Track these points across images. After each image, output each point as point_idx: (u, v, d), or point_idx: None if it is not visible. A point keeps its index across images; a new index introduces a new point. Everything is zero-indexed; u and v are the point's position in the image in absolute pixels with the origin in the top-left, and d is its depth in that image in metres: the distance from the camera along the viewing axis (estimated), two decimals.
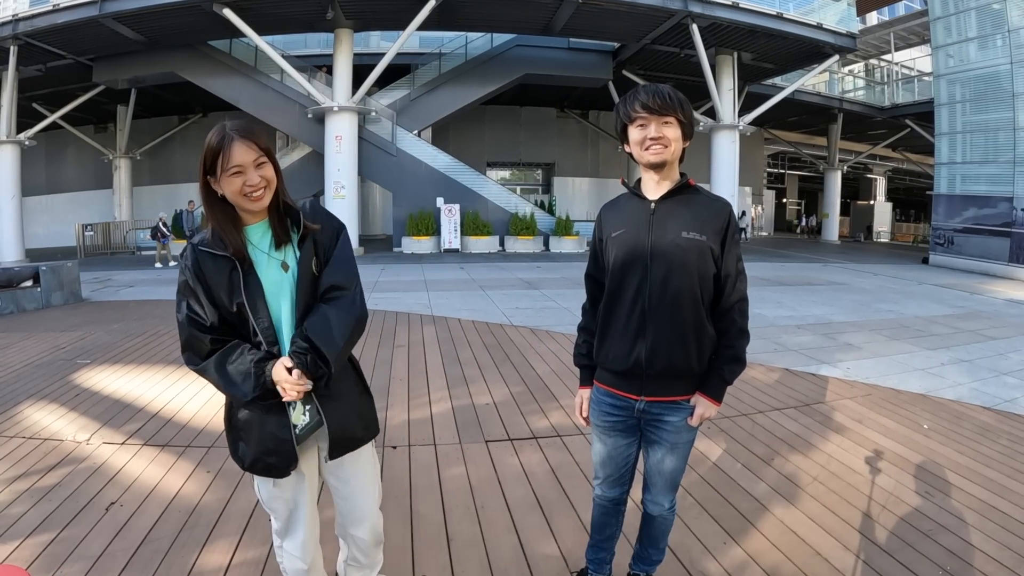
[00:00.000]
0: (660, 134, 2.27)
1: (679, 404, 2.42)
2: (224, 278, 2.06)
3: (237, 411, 2.21)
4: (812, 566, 3.07)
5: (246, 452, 2.19)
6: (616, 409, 2.50)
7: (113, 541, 3.21)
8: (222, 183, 2.03)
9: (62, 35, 19.85)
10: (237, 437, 2.22)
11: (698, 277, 2.31)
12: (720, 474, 4.16)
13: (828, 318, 9.93)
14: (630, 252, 2.38)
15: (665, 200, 2.36)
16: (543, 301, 11.30)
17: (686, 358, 2.34)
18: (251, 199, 2.04)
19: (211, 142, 2.04)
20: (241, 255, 2.07)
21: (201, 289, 2.07)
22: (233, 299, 2.07)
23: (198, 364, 2.10)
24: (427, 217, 23.05)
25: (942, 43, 20.58)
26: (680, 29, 20.37)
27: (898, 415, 5.41)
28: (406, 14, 19.10)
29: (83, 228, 24.80)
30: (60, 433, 4.78)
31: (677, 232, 2.31)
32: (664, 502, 2.59)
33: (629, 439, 2.55)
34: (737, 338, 2.38)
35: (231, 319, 2.11)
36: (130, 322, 9.30)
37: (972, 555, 3.18)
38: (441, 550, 3.17)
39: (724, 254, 2.34)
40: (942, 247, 20.55)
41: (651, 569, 2.82)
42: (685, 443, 2.48)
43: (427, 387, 5.99)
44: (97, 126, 31.39)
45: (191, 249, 2.09)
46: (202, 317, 2.07)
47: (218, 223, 2.08)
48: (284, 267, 2.15)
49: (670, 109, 2.25)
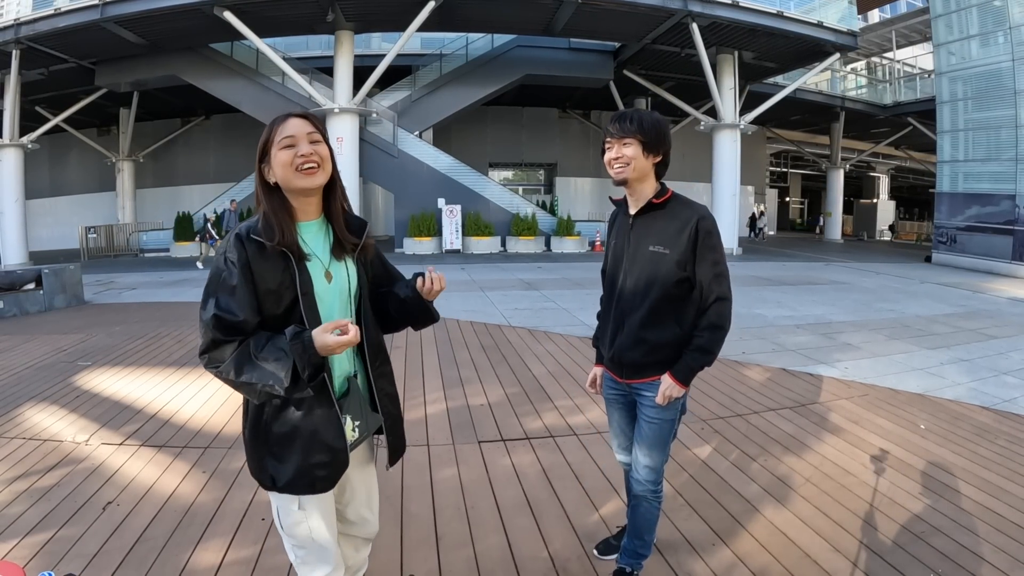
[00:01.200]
0: (620, 154, 2.59)
1: (655, 383, 2.70)
2: (278, 272, 1.90)
3: (272, 422, 1.97)
4: (801, 568, 3.07)
5: (280, 469, 1.97)
6: (613, 383, 2.90)
7: (109, 540, 3.24)
8: (274, 162, 1.94)
9: (64, 39, 19.88)
10: (266, 453, 1.99)
11: (662, 286, 2.61)
12: (711, 475, 4.16)
13: (828, 318, 9.91)
14: (615, 260, 2.83)
15: (640, 215, 2.70)
16: (542, 302, 11.30)
17: (650, 352, 2.67)
18: (303, 173, 1.93)
19: (265, 129, 2.01)
20: (297, 249, 1.93)
21: (246, 284, 1.85)
22: (284, 297, 1.91)
23: (219, 367, 1.84)
24: (429, 218, 23.06)
25: (943, 41, 20.53)
26: (680, 29, 20.31)
27: (895, 415, 5.40)
28: (406, 15, 19.09)
29: (86, 231, 24.84)
30: (60, 434, 4.81)
31: (646, 247, 2.65)
32: (642, 477, 2.79)
33: (631, 413, 2.90)
34: (708, 331, 2.60)
35: (273, 323, 1.92)
36: (132, 324, 9.32)
37: (965, 558, 3.18)
38: (430, 550, 3.19)
39: (697, 261, 2.58)
40: (945, 245, 20.50)
41: (636, 564, 2.91)
42: (661, 421, 2.73)
43: (423, 388, 6.01)
44: (100, 129, 31.42)
45: (237, 240, 1.89)
46: (234, 315, 1.83)
47: (274, 212, 1.94)
48: (328, 276, 2.02)
49: (628, 132, 2.56)
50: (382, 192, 30.40)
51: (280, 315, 1.92)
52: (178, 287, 14.29)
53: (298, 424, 1.95)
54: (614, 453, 3.09)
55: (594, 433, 4.83)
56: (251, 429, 2.01)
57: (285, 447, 1.96)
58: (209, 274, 1.91)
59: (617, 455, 3.07)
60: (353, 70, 21.38)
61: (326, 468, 1.98)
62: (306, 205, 2.02)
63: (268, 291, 1.89)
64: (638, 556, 2.89)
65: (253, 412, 2.00)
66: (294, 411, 1.95)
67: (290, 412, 1.96)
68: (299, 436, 1.95)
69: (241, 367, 1.82)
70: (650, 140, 2.55)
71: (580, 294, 12.12)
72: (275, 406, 1.96)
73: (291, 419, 1.95)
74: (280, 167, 1.93)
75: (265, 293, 1.89)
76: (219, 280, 1.86)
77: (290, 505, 2.02)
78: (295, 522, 2.05)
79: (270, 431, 1.97)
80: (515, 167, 35.13)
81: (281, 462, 1.96)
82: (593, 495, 3.82)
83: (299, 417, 1.95)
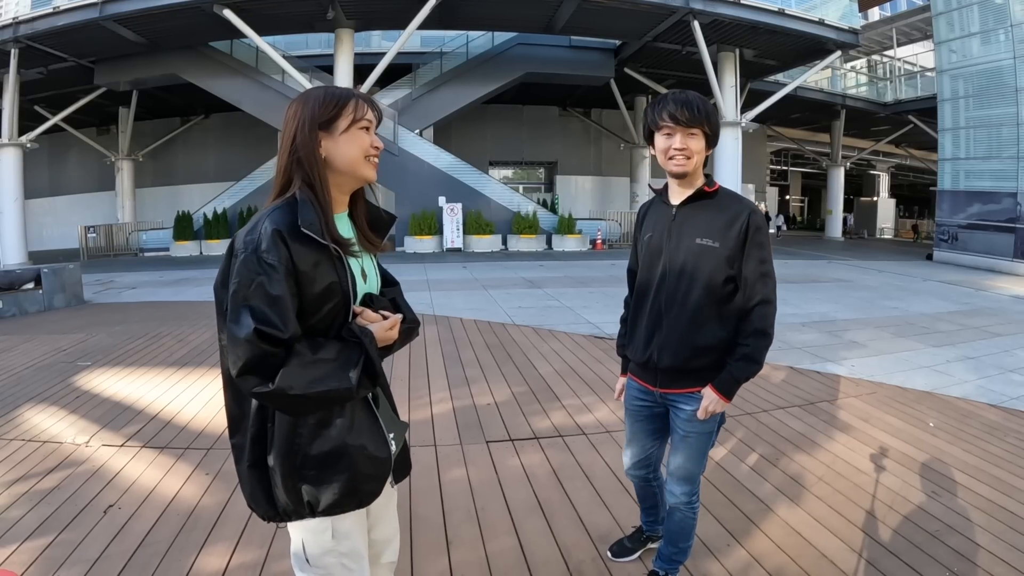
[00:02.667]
0: (684, 146, 2.36)
1: (694, 395, 2.52)
2: (327, 272, 1.65)
3: (309, 444, 1.69)
4: (817, 568, 3.03)
5: (320, 492, 1.70)
6: (641, 394, 2.71)
7: (111, 544, 3.19)
8: (341, 140, 1.72)
9: (63, 38, 19.81)
10: (300, 480, 1.70)
11: (709, 282, 2.42)
12: (724, 474, 4.12)
13: (833, 315, 9.89)
14: (652, 255, 2.57)
15: (684, 206, 2.49)
16: (546, 300, 11.27)
17: (693, 357, 2.47)
18: (372, 164, 1.79)
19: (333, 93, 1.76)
20: (343, 243, 1.70)
21: (290, 293, 1.56)
22: (329, 300, 1.66)
23: (270, 387, 1.52)
24: (429, 217, 23.05)
25: (944, 38, 20.49)
26: (682, 26, 20.25)
27: (904, 413, 5.37)
28: (407, 13, 19.03)
29: (86, 230, 24.80)
30: (60, 435, 4.76)
31: (692, 239, 2.44)
32: (676, 491, 2.65)
33: (655, 425, 2.75)
34: (753, 338, 2.42)
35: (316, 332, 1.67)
36: (132, 324, 9.27)
37: (980, 556, 3.15)
38: (440, 554, 3.14)
39: (744, 258, 2.41)
40: (946, 243, 20.47)
41: (671, 568, 2.82)
42: (697, 434, 2.56)
43: (428, 387, 5.96)
44: (99, 128, 31.38)
45: (277, 237, 1.56)
46: (279, 330, 1.52)
47: (327, 197, 1.71)
48: (364, 275, 1.82)
49: (696, 122, 2.34)
50: (383, 190, 30.32)
51: (320, 322, 1.68)
52: (178, 286, 14.26)
53: (345, 440, 1.72)
54: (624, 465, 2.91)
55: (603, 432, 4.80)
56: (283, 456, 1.69)
57: (327, 467, 1.70)
58: (236, 278, 1.57)
59: (629, 469, 2.89)
60: (353, 68, 21.30)
61: (373, 481, 1.79)
62: (342, 196, 1.83)
63: (314, 297, 1.63)
64: (673, 562, 2.81)
65: (283, 437, 1.69)
66: (338, 426, 1.71)
67: (332, 428, 1.71)
68: (346, 452, 1.72)
69: (306, 376, 1.55)
70: (714, 131, 2.40)
71: (583, 292, 12.10)
72: (311, 425, 1.68)
73: (334, 435, 1.71)
74: (355, 147, 1.74)
75: (311, 299, 1.63)
76: (253, 286, 1.54)
77: (321, 535, 1.78)
78: (325, 551, 1.79)
79: (308, 455, 1.69)
80: (516, 165, 35.11)
81: (321, 484, 1.70)
82: (604, 495, 3.78)
83: (344, 431, 1.72)
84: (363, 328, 1.69)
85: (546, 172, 35.54)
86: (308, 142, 1.70)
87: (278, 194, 1.74)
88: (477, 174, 24.89)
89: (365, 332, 1.67)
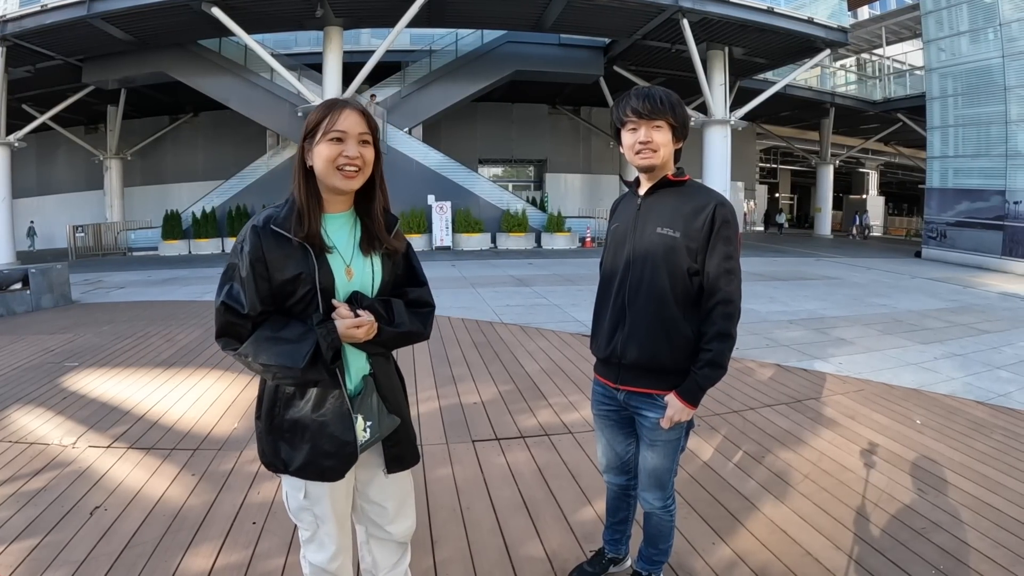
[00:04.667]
0: (649, 139, 2.31)
1: (655, 400, 2.44)
2: (296, 264, 1.87)
3: (284, 411, 1.99)
4: (802, 566, 3.03)
5: (292, 454, 1.98)
6: (605, 398, 2.62)
7: (97, 546, 3.17)
8: (316, 151, 1.89)
9: (51, 36, 19.70)
10: (279, 439, 2.00)
11: (669, 274, 2.34)
12: (709, 472, 4.12)
13: (821, 313, 9.91)
14: (617, 245, 2.51)
15: (650, 195, 2.44)
16: (534, 298, 11.26)
17: (657, 353, 2.38)
18: (343, 174, 1.89)
19: (324, 104, 1.94)
20: (318, 242, 1.90)
21: (255, 278, 1.84)
22: (300, 289, 1.88)
23: (237, 348, 1.87)
24: (418, 215, 23.02)
25: (934, 37, 20.58)
26: (671, 24, 20.30)
27: (891, 411, 5.38)
28: (396, 11, 18.99)
29: (74, 229, 24.66)
30: (47, 437, 4.72)
31: (653, 228, 2.37)
32: (650, 498, 2.60)
33: (625, 430, 2.64)
34: (716, 342, 2.31)
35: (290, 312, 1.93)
36: (120, 324, 9.22)
37: (966, 553, 3.15)
38: (425, 554, 3.13)
39: (708, 252, 2.31)
40: (935, 241, 20.58)
41: (654, 569, 2.78)
42: (664, 442, 2.48)
43: (415, 387, 5.94)
44: (87, 127, 31.22)
45: (253, 232, 1.86)
46: (240, 305, 1.84)
47: (306, 199, 1.90)
48: (348, 273, 1.98)
49: (659, 113, 2.30)
50: None
51: (297, 304, 1.91)
52: (167, 286, 14.18)
53: (308, 414, 1.97)
54: (601, 469, 2.84)
55: (589, 431, 4.78)
56: (265, 414, 2.02)
57: (295, 435, 1.98)
58: (227, 259, 1.92)
59: (611, 479, 2.80)
60: (342, 66, 21.26)
61: (333, 459, 1.98)
62: (337, 198, 1.99)
63: (284, 282, 1.87)
64: (655, 563, 2.76)
65: (268, 397, 2.01)
66: (305, 402, 1.97)
67: (301, 402, 1.98)
68: (308, 426, 1.97)
69: (260, 348, 1.85)
70: (680, 123, 2.34)
71: (572, 290, 12.10)
72: (286, 395, 1.98)
73: (302, 408, 1.98)
74: (321, 160, 1.89)
75: (281, 284, 1.87)
76: (233, 268, 1.88)
77: (297, 492, 2.06)
78: (300, 507, 2.08)
79: (284, 417, 1.99)
80: (505, 163, 35.15)
81: (292, 447, 1.99)
82: (590, 494, 3.77)
83: (309, 408, 1.97)
84: (326, 321, 1.89)
85: (535, 170, 35.57)
86: (299, 151, 1.96)
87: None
88: (466, 172, 24.86)
89: (324, 324, 1.88)
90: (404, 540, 2.34)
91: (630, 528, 2.93)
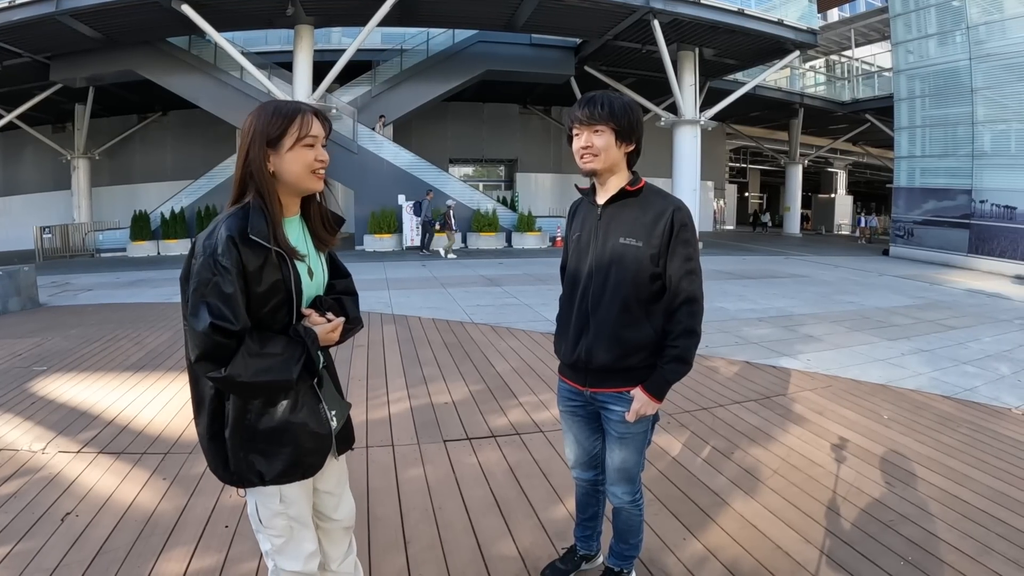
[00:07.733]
0: (589, 143, 2.37)
1: (622, 395, 2.49)
2: (273, 273, 1.85)
3: (258, 421, 1.92)
4: (772, 559, 3.05)
5: (268, 464, 1.94)
6: (572, 394, 2.66)
7: (68, 553, 3.11)
8: (287, 157, 1.87)
9: (18, 33, 19.26)
10: (252, 451, 1.93)
11: (635, 281, 2.40)
12: (679, 469, 4.13)
13: (789, 310, 10.00)
14: (580, 254, 2.56)
15: (610, 205, 2.48)
16: (504, 298, 11.24)
17: (623, 356, 2.44)
18: (317, 176, 1.93)
19: (280, 110, 1.89)
20: (291, 249, 1.90)
21: (240, 291, 1.77)
22: (273, 298, 1.86)
23: (222, 372, 1.75)
24: (389, 215, 22.85)
25: (902, 39, 20.91)
26: (642, 25, 20.38)
27: (859, 406, 5.44)
28: (367, 10, 18.83)
29: (41, 231, 24.18)
30: (15, 443, 4.61)
31: (616, 238, 2.43)
32: (618, 492, 2.63)
33: (591, 426, 2.69)
34: (683, 338, 2.40)
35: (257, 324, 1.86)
36: (88, 327, 9.04)
37: (934, 544, 3.19)
38: (399, 553, 3.11)
39: (669, 255, 2.39)
40: (902, 239, 20.91)
41: (624, 564, 2.80)
42: (632, 435, 2.54)
43: (386, 387, 5.90)
44: (55, 126, 30.51)
45: (230, 242, 1.77)
46: (231, 323, 1.74)
47: (273, 205, 1.87)
48: (311, 274, 2.01)
49: (597, 118, 2.34)
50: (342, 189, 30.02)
51: (268, 314, 1.88)
52: (135, 288, 13.95)
53: (288, 418, 1.95)
54: (569, 465, 2.86)
55: (559, 430, 4.70)
56: (233, 431, 1.92)
57: (274, 442, 1.94)
58: (196, 277, 1.79)
59: (580, 474, 2.82)
60: (313, 65, 21.07)
61: (315, 454, 2.02)
62: (293, 201, 2.01)
63: (260, 293, 1.84)
64: (626, 558, 2.79)
65: (235, 413, 1.92)
66: (283, 407, 1.95)
67: (278, 408, 1.94)
68: (290, 429, 1.95)
69: (249, 366, 1.78)
70: (623, 127, 2.36)
71: (542, 290, 12.08)
72: (258, 405, 1.93)
73: (279, 413, 1.94)
74: (298, 164, 1.89)
75: (257, 296, 1.84)
76: (210, 285, 1.76)
77: (271, 499, 2.00)
78: (275, 513, 2.02)
79: (257, 430, 1.93)
80: (476, 163, 35.03)
81: (269, 457, 1.94)
82: (561, 492, 3.76)
83: (288, 411, 1.95)
84: (308, 329, 1.91)
85: (506, 170, 35.51)
86: (258, 158, 1.87)
87: (235, 200, 1.93)
88: (437, 172, 24.67)
89: (309, 333, 1.90)
90: (350, 524, 2.35)
91: (600, 524, 2.94)
